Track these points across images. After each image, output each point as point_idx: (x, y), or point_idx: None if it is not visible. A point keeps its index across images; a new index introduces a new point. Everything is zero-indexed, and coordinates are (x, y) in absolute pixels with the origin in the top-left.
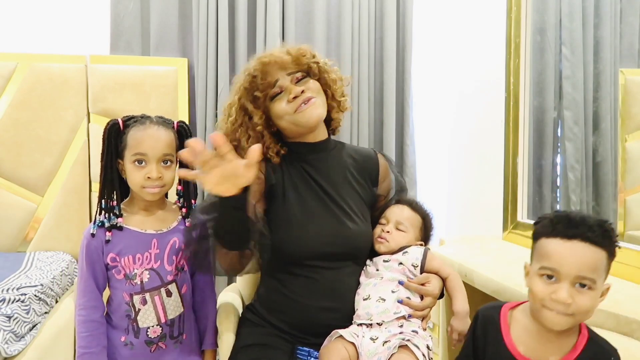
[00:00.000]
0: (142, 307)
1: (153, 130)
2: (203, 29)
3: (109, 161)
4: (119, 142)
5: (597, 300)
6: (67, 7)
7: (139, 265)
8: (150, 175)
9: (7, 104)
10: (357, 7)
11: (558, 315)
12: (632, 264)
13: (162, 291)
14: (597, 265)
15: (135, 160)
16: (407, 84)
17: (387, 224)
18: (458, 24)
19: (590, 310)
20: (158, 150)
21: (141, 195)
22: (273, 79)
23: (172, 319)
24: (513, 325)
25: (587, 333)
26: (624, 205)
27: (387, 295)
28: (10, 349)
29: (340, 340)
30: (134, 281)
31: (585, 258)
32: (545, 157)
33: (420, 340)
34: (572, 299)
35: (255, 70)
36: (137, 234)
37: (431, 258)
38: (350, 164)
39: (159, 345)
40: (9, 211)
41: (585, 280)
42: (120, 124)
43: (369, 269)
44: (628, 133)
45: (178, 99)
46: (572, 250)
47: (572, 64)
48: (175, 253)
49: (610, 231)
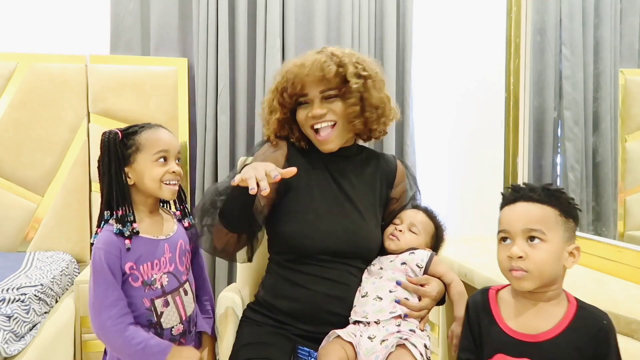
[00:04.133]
0: (165, 309)
1: (165, 131)
2: (203, 29)
3: (116, 169)
4: (125, 149)
5: (554, 254)
6: (67, 7)
7: (157, 270)
8: (175, 170)
9: (7, 104)
10: (357, 7)
11: (518, 273)
12: (632, 264)
13: (181, 291)
14: (544, 218)
15: (160, 158)
16: (407, 84)
17: (401, 223)
18: (458, 24)
19: (546, 264)
20: (175, 147)
21: (158, 193)
22: (305, 88)
23: (189, 315)
24: (502, 305)
25: (576, 302)
26: (624, 205)
27: (385, 294)
28: (10, 348)
29: (338, 340)
30: (154, 286)
31: (529, 212)
32: (545, 157)
33: (417, 339)
34: (524, 253)
35: (290, 73)
36: (150, 241)
37: (436, 262)
38: (372, 169)
39: (180, 342)
40: (9, 211)
41: (533, 232)
42: (120, 133)
43: (373, 268)
44: (628, 133)
45: (178, 99)
46: (516, 209)
47: (572, 64)
48: (183, 254)
49: (555, 191)
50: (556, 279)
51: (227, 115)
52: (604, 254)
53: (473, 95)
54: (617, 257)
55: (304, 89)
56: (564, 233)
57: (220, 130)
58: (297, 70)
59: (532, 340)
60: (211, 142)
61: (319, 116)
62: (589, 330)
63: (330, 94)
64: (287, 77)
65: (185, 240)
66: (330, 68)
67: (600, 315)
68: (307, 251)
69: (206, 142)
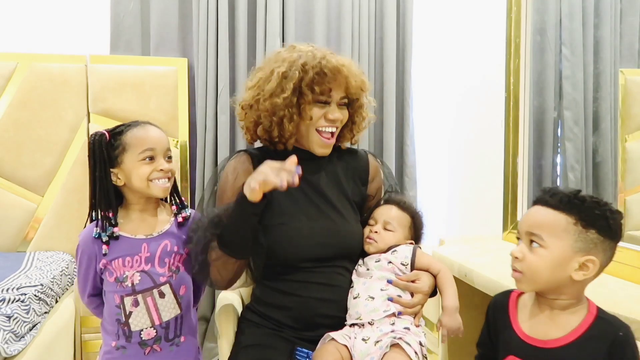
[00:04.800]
0: (134, 310)
1: (153, 128)
2: (203, 29)
3: (102, 171)
4: (111, 150)
5: (552, 262)
6: (67, 7)
7: (129, 267)
8: (163, 168)
9: (7, 104)
10: (357, 7)
11: (514, 274)
12: (632, 264)
13: (155, 292)
14: (549, 224)
15: (146, 157)
16: (407, 84)
17: (375, 224)
18: (458, 24)
19: (540, 269)
20: (163, 145)
21: (148, 192)
22: (333, 88)
23: (167, 320)
24: (521, 309)
25: (596, 312)
26: (624, 205)
27: (376, 293)
28: (10, 349)
29: (333, 343)
30: (124, 283)
31: (536, 216)
32: (545, 157)
33: (412, 337)
34: (522, 255)
35: (327, 68)
36: (126, 240)
37: (421, 255)
38: (341, 166)
39: (153, 347)
40: (9, 211)
41: (533, 236)
42: (107, 135)
43: (360, 268)
44: (628, 133)
45: (178, 99)
46: (530, 211)
47: (572, 64)
48: (167, 255)
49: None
50: (561, 287)
51: (227, 115)
52: None
53: (473, 95)
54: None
55: (334, 86)
56: (575, 243)
57: (220, 130)
58: (334, 69)
59: (541, 346)
60: (211, 142)
61: (335, 120)
62: (603, 341)
63: (345, 101)
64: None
65: (175, 241)
66: (364, 81)
67: (618, 327)
68: (291, 260)
69: (206, 142)
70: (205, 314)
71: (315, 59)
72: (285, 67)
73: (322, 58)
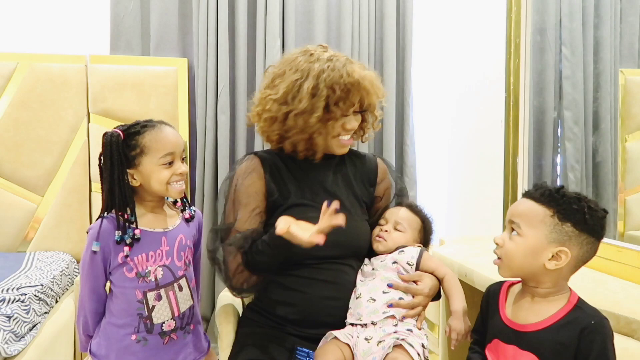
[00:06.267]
0: (157, 304)
1: (170, 130)
2: (203, 29)
3: (120, 173)
4: (128, 150)
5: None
6: (67, 7)
7: (152, 262)
8: (181, 172)
9: (7, 104)
10: (357, 7)
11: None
12: (632, 264)
13: (175, 286)
14: (528, 214)
15: (167, 162)
16: (407, 84)
17: (386, 223)
18: (458, 24)
19: (515, 256)
20: (180, 146)
21: (167, 194)
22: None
23: (183, 312)
24: (509, 297)
25: (576, 302)
26: (624, 205)
27: (378, 295)
28: (10, 349)
29: (335, 342)
30: (147, 278)
31: (519, 207)
32: (545, 157)
33: (414, 339)
34: (502, 241)
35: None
36: (147, 233)
37: (427, 258)
38: (351, 169)
39: (171, 336)
40: (9, 211)
41: (513, 224)
42: (122, 134)
43: (365, 268)
44: (628, 133)
45: (178, 99)
46: (515, 203)
47: (572, 64)
48: (182, 249)
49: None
50: (537, 275)
51: (227, 115)
52: (604, 254)
53: (473, 96)
54: (617, 257)
55: (354, 100)
56: (550, 234)
57: (220, 130)
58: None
59: (519, 329)
60: (211, 142)
61: (352, 129)
62: (575, 327)
63: (358, 109)
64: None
65: (187, 235)
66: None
67: (592, 316)
68: (298, 256)
69: (206, 142)
70: (205, 314)
71: (338, 72)
72: (312, 82)
73: (345, 72)
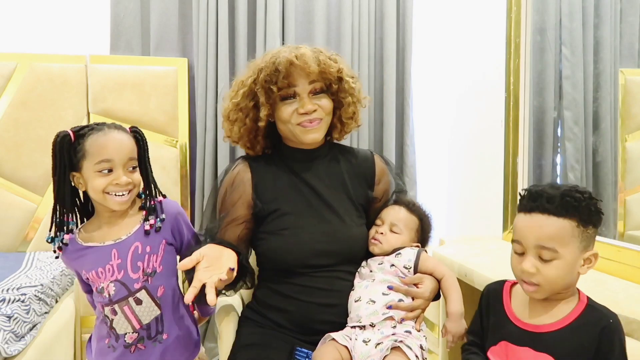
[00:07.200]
0: (115, 317)
1: (115, 134)
2: (203, 29)
3: (62, 175)
4: (73, 153)
5: (566, 268)
6: (67, 7)
7: (103, 279)
8: (119, 182)
9: (7, 104)
10: (357, 7)
11: (529, 286)
12: (632, 264)
13: (131, 300)
14: (558, 234)
15: (103, 169)
16: (407, 84)
17: (382, 225)
18: (458, 24)
19: (558, 279)
20: (124, 154)
21: (105, 204)
22: (294, 81)
23: (147, 323)
24: (514, 297)
25: (587, 301)
26: (624, 205)
27: (378, 297)
28: (10, 349)
29: (333, 343)
30: (103, 294)
31: (544, 228)
32: (545, 157)
33: (413, 340)
34: (535, 269)
35: (280, 64)
36: (95, 249)
37: (425, 259)
38: (346, 168)
39: (137, 346)
40: (9, 211)
41: (545, 250)
42: (72, 135)
43: (363, 270)
44: (628, 133)
45: (178, 99)
46: (531, 222)
47: (572, 64)
48: (139, 259)
49: (575, 200)
50: (569, 284)
51: None
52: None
53: (473, 96)
54: (617, 257)
55: (295, 78)
56: (580, 243)
57: (220, 130)
58: (286, 62)
59: (535, 331)
60: (211, 142)
61: (311, 111)
62: (594, 328)
63: (318, 88)
64: (278, 67)
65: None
66: (322, 58)
67: (607, 315)
68: (289, 266)
69: (206, 142)
70: None
71: (273, 58)
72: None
73: (278, 56)
